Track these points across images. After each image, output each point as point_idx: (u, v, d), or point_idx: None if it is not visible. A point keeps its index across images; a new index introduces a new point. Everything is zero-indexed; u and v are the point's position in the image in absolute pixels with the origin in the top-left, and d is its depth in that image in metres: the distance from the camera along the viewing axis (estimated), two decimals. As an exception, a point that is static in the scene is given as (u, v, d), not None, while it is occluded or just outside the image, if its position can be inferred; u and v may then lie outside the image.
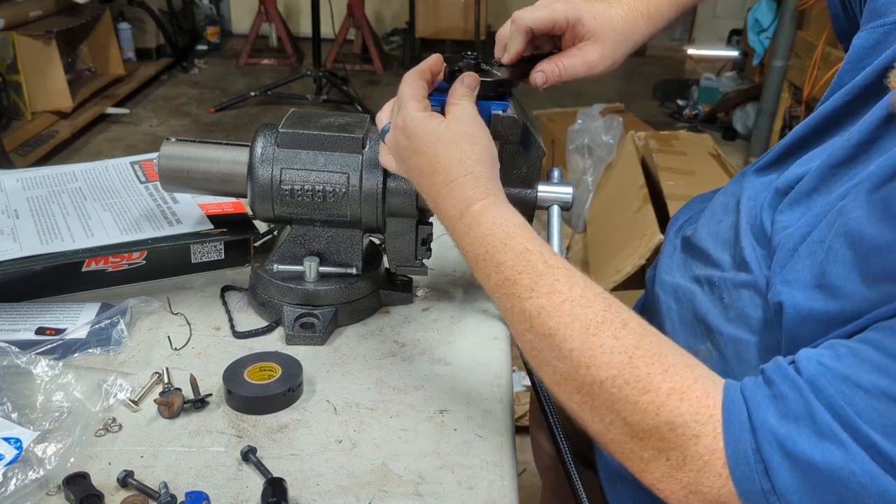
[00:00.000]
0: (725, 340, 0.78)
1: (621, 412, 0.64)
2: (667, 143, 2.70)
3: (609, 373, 0.64)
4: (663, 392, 0.62)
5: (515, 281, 0.69)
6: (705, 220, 0.91)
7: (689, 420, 0.62)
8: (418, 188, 0.80)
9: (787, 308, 0.68)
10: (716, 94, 4.57)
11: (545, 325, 0.67)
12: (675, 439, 0.62)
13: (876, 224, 0.61)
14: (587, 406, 0.67)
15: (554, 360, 0.67)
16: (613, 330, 0.66)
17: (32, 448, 0.74)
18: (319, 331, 0.95)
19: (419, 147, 0.76)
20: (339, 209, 0.94)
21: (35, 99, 3.77)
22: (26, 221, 1.04)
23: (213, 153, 0.97)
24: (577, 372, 0.66)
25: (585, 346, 0.65)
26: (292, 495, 0.73)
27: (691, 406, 0.62)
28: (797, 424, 0.58)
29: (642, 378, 0.63)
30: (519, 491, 0.77)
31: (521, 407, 1.96)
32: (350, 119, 0.98)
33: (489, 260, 0.71)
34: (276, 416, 0.83)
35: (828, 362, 0.59)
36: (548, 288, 0.68)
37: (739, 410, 0.60)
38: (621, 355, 0.64)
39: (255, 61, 5.33)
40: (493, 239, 0.71)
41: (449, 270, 1.11)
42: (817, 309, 0.65)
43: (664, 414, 0.62)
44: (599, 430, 0.67)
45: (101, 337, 0.91)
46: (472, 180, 0.74)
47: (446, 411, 0.85)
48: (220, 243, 1.06)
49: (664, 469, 0.63)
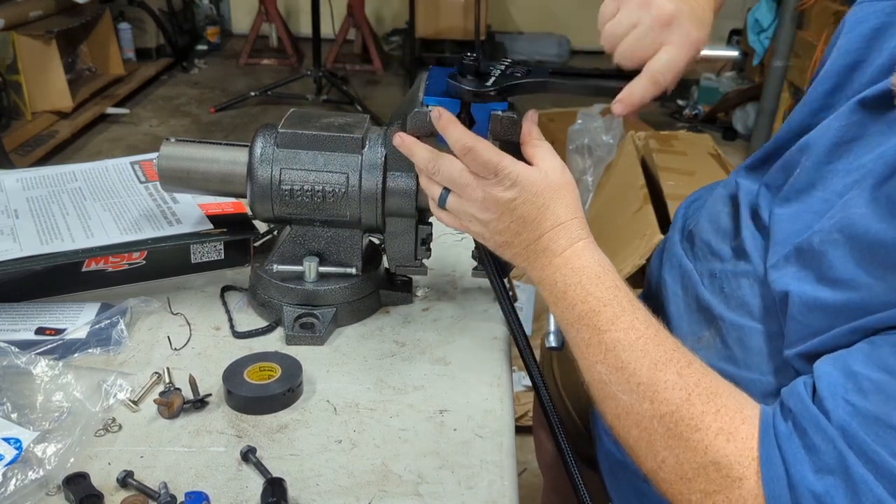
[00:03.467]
0: (728, 327, 0.79)
1: (674, 448, 0.66)
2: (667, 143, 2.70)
3: (668, 408, 0.66)
4: (713, 432, 0.64)
5: (599, 312, 0.73)
6: (706, 212, 0.92)
7: (734, 461, 0.63)
8: (508, 236, 0.81)
9: (793, 297, 0.68)
10: (716, 94, 4.56)
11: (618, 358, 0.71)
12: (721, 480, 0.63)
13: (882, 220, 0.62)
14: (643, 441, 0.69)
15: (620, 393, 0.70)
16: (679, 367, 0.68)
17: (32, 448, 0.74)
18: (319, 331, 0.95)
19: (528, 196, 0.78)
20: (339, 209, 0.94)
21: (35, 99, 3.76)
22: (26, 221, 1.04)
23: (213, 153, 0.97)
24: (640, 405, 0.68)
25: (651, 381, 0.68)
26: (292, 495, 0.73)
27: (736, 448, 0.63)
28: (833, 478, 0.58)
29: (696, 416, 0.65)
30: (519, 491, 0.77)
31: (522, 407, 1.96)
32: (350, 119, 0.98)
33: (580, 290, 0.75)
34: (275, 416, 0.83)
35: (855, 401, 0.59)
36: (627, 324, 0.72)
37: (777, 464, 0.61)
38: (681, 392, 0.66)
39: (255, 61, 5.33)
40: (588, 272, 0.76)
41: (449, 270, 1.11)
42: (824, 299, 0.65)
43: (711, 454, 0.64)
44: (653, 468, 0.69)
45: (101, 337, 0.91)
46: (577, 223, 0.79)
47: (446, 411, 0.85)
48: (220, 243, 1.06)
49: None
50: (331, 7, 4.62)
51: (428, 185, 0.85)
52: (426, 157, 0.83)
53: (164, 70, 5.03)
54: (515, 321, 0.88)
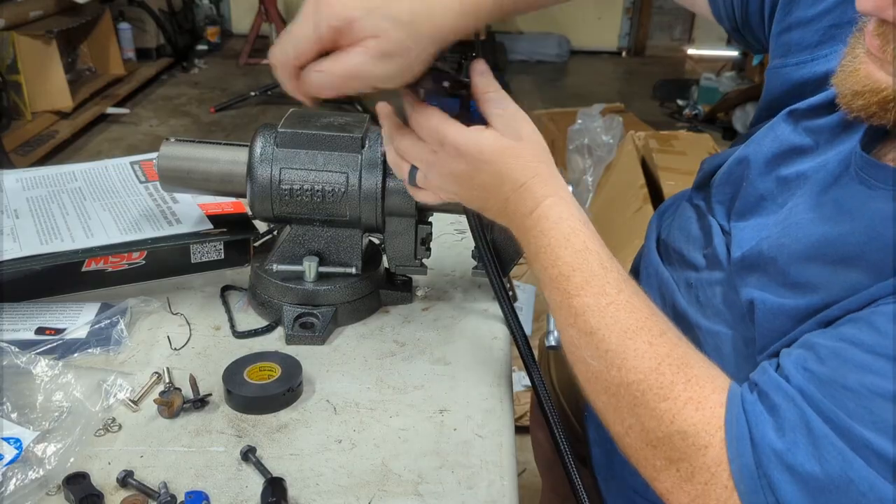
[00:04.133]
0: (704, 335, 0.80)
1: (640, 417, 0.66)
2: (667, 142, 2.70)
3: (636, 377, 0.66)
4: (681, 401, 0.64)
5: (569, 277, 0.72)
6: (677, 222, 0.93)
7: (700, 430, 0.63)
8: (480, 203, 0.79)
9: (758, 305, 0.70)
10: (716, 93, 4.57)
11: (587, 324, 0.70)
12: (686, 449, 0.63)
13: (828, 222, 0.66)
14: (611, 407, 0.69)
15: (589, 359, 0.70)
16: (650, 337, 0.68)
17: (32, 448, 0.74)
18: (319, 331, 0.95)
19: (481, 165, 0.74)
20: (339, 209, 0.94)
21: (35, 99, 3.76)
22: (26, 221, 1.04)
23: (213, 153, 0.97)
24: (607, 372, 0.68)
25: (620, 348, 0.68)
26: (292, 495, 0.73)
27: (704, 416, 0.63)
28: (794, 436, 0.59)
29: (665, 385, 0.65)
30: (519, 491, 0.77)
31: (521, 407, 1.96)
32: (349, 119, 0.98)
33: (549, 253, 0.73)
34: (275, 415, 0.83)
35: (812, 367, 0.61)
36: (597, 289, 0.70)
37: (741, 425, 0.62)
38: (651, 361, 0.66)
39: (255, 61, 5.33)
40: (556, 233, 0.73)
41: (449, 270, 1.11)
42: (787, 304, 0.68)
43: (678, 423, 0.64)
44: (619, 432, 0.69)
45: (101, 337, 0.91)
46: (539, 181, 0.75)
47: (446, 411, 0.85)
48: (219, 243, 1.06)
49: (674, 480, 0.65)
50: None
51: (396, 163, 0.82)
52: (389, 129, 0.80)
53: (164, 70, 5.03)
54: (515, 321, 0.88)
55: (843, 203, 0.67)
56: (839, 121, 0.73)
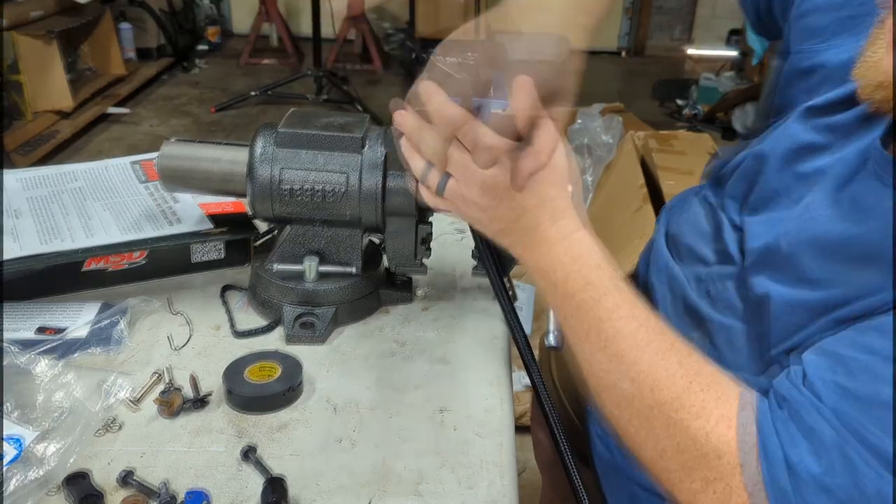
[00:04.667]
0: (716, 329, 0.79)
1: (675, 437, 0.66)
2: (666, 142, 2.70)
3: (670, 395, 0.66)
4: (714, 419, 0.64)
5: (599, 301, 0.72)
6: (687, 217, 0.93)
7: (735, 448, 0.63)
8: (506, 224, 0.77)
9: (774, 299, 0.70)
10: (715, 93, 4.57)
11: (619, 348, 0.70)
12: (721, 468, 0.63)
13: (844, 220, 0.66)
14: (644, 431, 0.69)
15: (621, 382, 0.69)
16: (680, 357, 0.68)
17: (32, 447, 0.74)
18: (319, 330, 0.95)
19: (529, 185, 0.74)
20: (339, 209, 0.94)
21: (36, 99, 3.76)
22: (27, 221, 1.04)
23: (214, 153, 0.97)
24: (640, 394, 0.68)
25: (653, 369, 0.68)
26: (292, 494, 0.73)
27: (737, 434, 0.63)
28: (830, 458, 0.58)
29: (697, 404, 0.65)
30: (519, 490, 0.77)
31: (522, 407, 1.96)
32: (350, 119, 0.98)
33: (580, 279, 0.73)
34: (276, 415, 0.83)
35: (845, 383, 0.60)
36: (627, 313, 0.71)
37: (775, 449, 0.61)
38: (683, 380, 0.66)
39: (255, 61, 5.33)
40: (588, 261, 0.74)
41: (449, 270, 1.11)
42: (804, 298, 0.67)
43: (713, 441, 0.64)
44: (653, 457, 0.68)
45: (102, 336, 0.91)
46: (578, 213, 0.76)
47: (446, 411, 0.85)
48: (220, 243, 1.06)
49: (711, 501, 0.64)
50: (331, 7, 4.62)
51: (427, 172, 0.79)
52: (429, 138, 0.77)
53: (164, 70, 5.03)
54: (515, 321, 0.88)
55: (861, 200, 0.67)
56: (856, 117, 0.72)
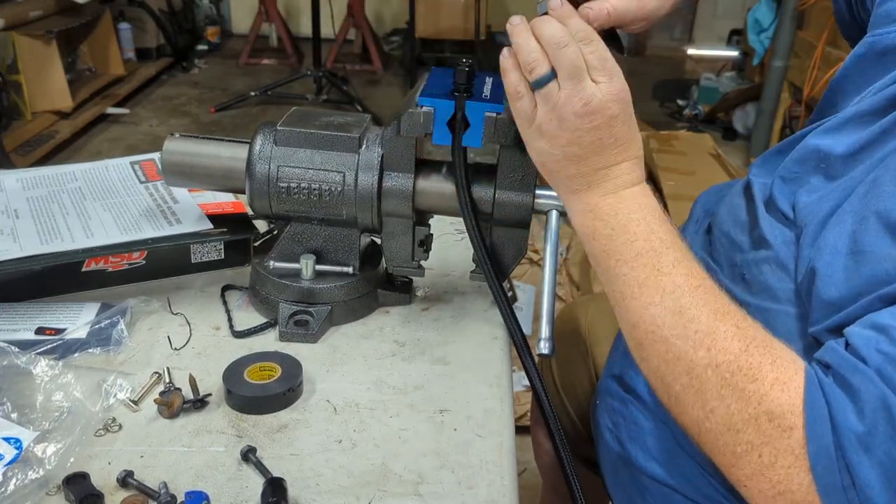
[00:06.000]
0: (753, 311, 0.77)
1: (726, 398, 0.65)
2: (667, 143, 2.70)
3: (726, 357, 0.66)
4: (769, 382, 0.64)
5: (662, 253, 0.72)
6: (726, 206, 0.93)
7: (787, 411, 0.62)
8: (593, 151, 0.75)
9: (820, 273, 0.69)
10: (716, 94, 4.57)
11: (677, 303, 0.69)
12: (772, 431, 0.63)
13: None
14: (693, 390, 0.67)
15: (674, 338, 0.69)
16: (737, 320, 0.68)
17: (32, 448, 0.74)
18: (313, 328, 0.95)
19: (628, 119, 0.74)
20: (335, 208, 0.94)
21: (35, 99, 3.76)
22: (26, 221, 1.04)
23: (215, 149, 0.98)
24: (695, 353, 0.67)
25: (711, 329, 0.67)
26: (292, 495, 0.73)
27: (790, 398, 0.63)
28: (874, 417, 0.58)
29: (754, 366, 0.65)
30: (519, 491, 0.77)
31: (522, 407, 1.96)
32: (350, 119, 0.98)
33: (644, 226, 0.73)
34: (275, 415, 0.83)
35: (887, 349, 0.60)
36: (687, 269, 0.71)
37: (821, 407, 0.61)
38: (740, 343, 0.66)
39: (255, 61, 5.33)
40: (655, 211, 0.74)
41: (449, 270, 1.11)
42: (849, 272, 0.66)
43: (766, 404, 0.63)
44: (699, 417, 0.67)
45: (101, 337, 0.91)
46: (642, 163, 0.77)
47: (446, 411, 0.85)
48: (219, 243, 1.06)
49: (755, 466, 0.64)
50: (331, 7, 4.62)
51: (537, 56, 0.75)
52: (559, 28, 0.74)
53: (164, 70, 5.03)
54: (514, 323, 0.88)
55: None
56: None
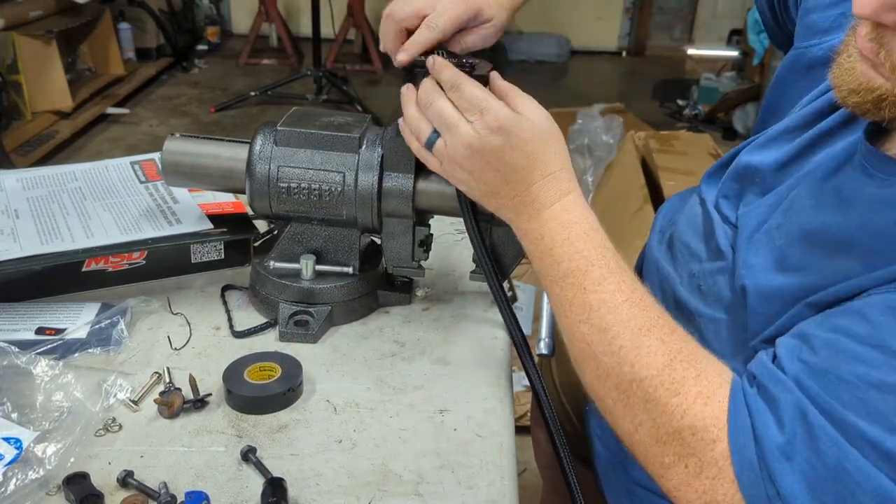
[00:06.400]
0: (705, 321, 0.80)
1: (651, 413, 0.66)
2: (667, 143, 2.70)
3: (649, 372, 0.67)
4: (691, 396, 0.65)
5: (586, 272, 0.73)
6: (685, 216, 0.94)
7: (710, 424, 0.64)
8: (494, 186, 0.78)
9: (749, 290, 0.71)
10: (716, 94, 4.56)
11: (603, 320, 0.70)
12: (696, 444, 0.64)
13: (827, 208, 0.67)
14: (622, 404, 0.69)
15: (601, 355, 0.70)
16: (662, 334, 0.69)
17: (32, 448, 0.74)
18: (313, 329, 0.95)
19: (516, 142, 0.75)
20: (335, 208, 0.94)
21: (35, 99, 3.76)
22: (26, 221, 1.04)
23: (215, 149, 0.98)
24: (620, 368, 0.69)
25: (634, 344, 0.68)
26: (292, 495, 0.73)
27: (713, 411, 0.64)
28: (793, 427, 0.60)
29: (677, 381, 0.66)
30: (519, 491, 0.77)
31: (522, 407, 1.96)
32: (350, 119, 0.98)
33: (568, 247, 0.74)
34: (276, 415, 0.83)
35: (807, 358, 0.61)
36: (614, 286, 0.72)
37: (743, 419, 0.62)
38: (664, 357, 0.67)
39: (255, 61, 5.33)
40: (577, 228, 0.75)
41: (449, 270, 1.11)
42: (777, 286, 0.68)
43: (688, 418, 0.64)
44: (629, 429, 0.69)
45: (102, 337, 0.91)
46: (567, 174, 0.78)
47: (446, 411, 0.85)
48: (220, 243, 1.06)
49: (682, 476, 0.65)
50: (331, 7, 4.61)
51: (419, 123, 0.81)
52: (428, 87, 0.80)
53: (164, 70, 5.03)
54: (514, 324, 0.88)
55: (843, 190, 0.68)
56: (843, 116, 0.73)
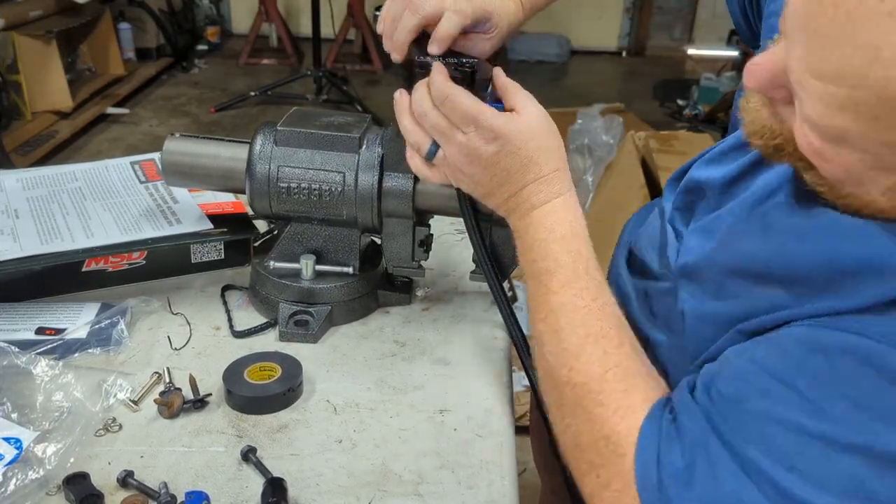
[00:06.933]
0: (653, 345, 0.80)
1: (577, 417, 0.69)
2: (667, 143, 2.70)
3: (581, 379, 0.69)
4: (612, 409, 0.66)
5: (553, 273, 0.74)
6: (646, 230, 0.94)
7: (622, 439, 0.65)
8: (491, 188, 0.79)
9: (687, 314, 0.72)
10: (716, 94, 4.56)
11: (556, 322, 0.72)
12: (607, 455, 0.65)
13: (753, 236, 0.67)
14: (556, 404, 0.72)
15: (548, 354, 0.73)
16: (608, 346, 0.70)
17: (32, 448, 0.74)
18: (313, 328, 0.95)
19: (511, 149, 0.77)
20: (335, 208, 0.94)
21: (35, 99, 3.76)
22: (26, 221, 1.04)
23: (215, 149, 0.98)
24: (560, 370, 0.71)
25: (577, 350, 0.70)
26: (292, 495, 0.73)
27: (627, 426, 0.65)
28: (693, 456, 0.60)
29: (605, 392, 0.67)
30: (519, 491, 0.77)
31: (521, 407, 1.96)
32: (350, 119, 0.98)
33: (543, 248, 0.76)
34: (276, 415, 0.83)
35: (720, 387, 0.62)
36: (575, 291, 0.73)
37: (651, 443, 0.63)
38: (599, 368, 0.69)
39: (255, 61, 5.33)
40: (555, 233, 0.76)
41: (449, 270, 1.11)
42: (710, 312, 0.69)
43: (605, 429, 0.66)
44: (559, 430, 0.72)
45: (101, 337, 0.91)
46: (560, 175, 0.78)
47: (446, 411, 0.85)
48: (219, 243, 1.06)
49: (594, 485, 0.67)
50: (331, 7, 4.61)
51: (416, 136, 0.82)
52: (419, 97, 0.80)
53: (164, 70, 5.03)
54: (514, 324, 0.88)
55: (768, 218, 0.67)
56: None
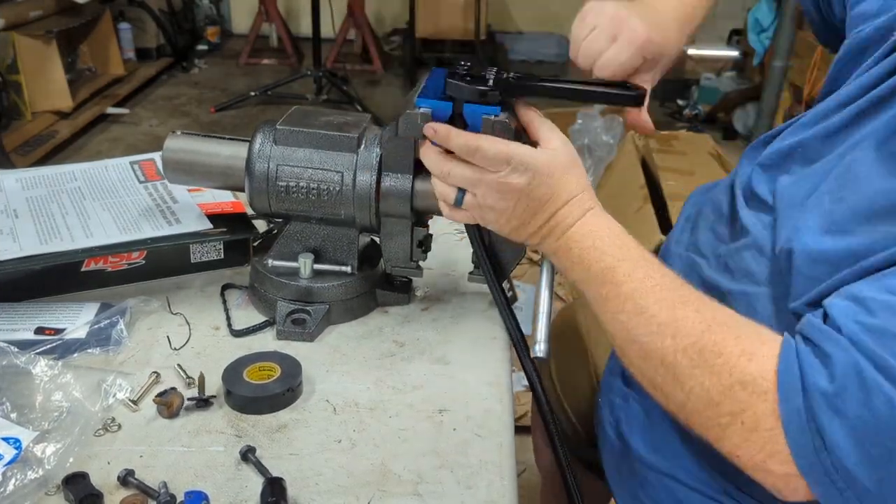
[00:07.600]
0: (736, 298, 0.82)
1: (699, 377, 0.69)
2: (667, 143, 2.70)
3: (689, 340, 0.70)
4: (735, 354, 0.68)
5: (615, 268, 0.77)
6: (711, 201, 0.97)
7: (758, 378, 0.66)
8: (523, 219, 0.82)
9: (797, 253, 0.72)
10: (716, 94, 4.56)
11: (637, 305, 0.75)
12: (747, 398, 0.66)
13: (884, 174, 0.68)
14: (670, 378, 0.72)
15: (642, 336, 0.74)
16: (697, 305, 0.73)
17: (32, 448, 0.74)
18: (310, 327, 0.95)
19: (543, 179, 0.81)
20: (334, 208, 0.94)
21: (35, 99, 3.75)
22: (26, 221, 1.04)
23: (216, 147, 0.98)
24: (662, 343, 0.72)
25: (671, 319, 0.72)
26: (291, 495, 0.73)
27: (759, 366, 0.66)
28: (844, 381, 0.61)
29: (718, 343, 0.69)
30: (519, 491, 0.77)
31: (522, 407, 1.96)
32: (350, 118, 0.98)
33: (595, 252, 0.79)
34: (275, 415, 0.83)
35: (864, 319, 0.62)
36: (642, 273, 0.76)
37: (793, 373, 0.64)
38: (700, 324, 0.71)
39: (255, 61, 5.32)
40: (600, 233, 0.80)
41: (449, 270, 1.11)
42: (827, 249, 0.69)
43: (736, 374, 0.67)
44: (682, 401, 0.72)
45: (101, 337, 0.91)
46: (587, 195, 0.83)
47: (446, 411, 0.85)
48: (219, 243, 1.06)
49: (741, 433, 0.67)
50: (331, 7, 4.61)
51: (441, 188, 0.85)
52: (435, 160, 0.84)
53: (164, 70, 5.02)
54: (513, 323, 0.88)
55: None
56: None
